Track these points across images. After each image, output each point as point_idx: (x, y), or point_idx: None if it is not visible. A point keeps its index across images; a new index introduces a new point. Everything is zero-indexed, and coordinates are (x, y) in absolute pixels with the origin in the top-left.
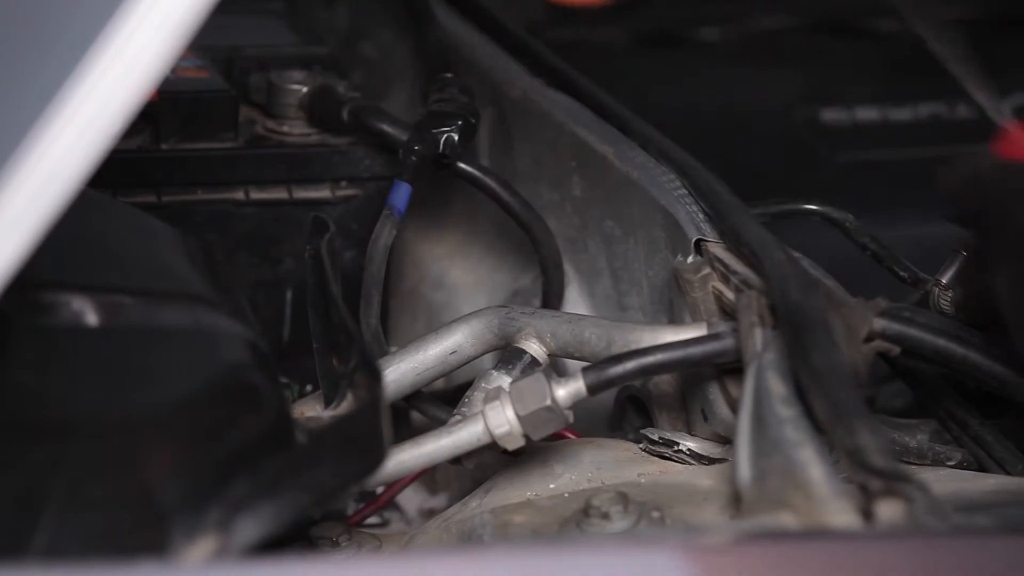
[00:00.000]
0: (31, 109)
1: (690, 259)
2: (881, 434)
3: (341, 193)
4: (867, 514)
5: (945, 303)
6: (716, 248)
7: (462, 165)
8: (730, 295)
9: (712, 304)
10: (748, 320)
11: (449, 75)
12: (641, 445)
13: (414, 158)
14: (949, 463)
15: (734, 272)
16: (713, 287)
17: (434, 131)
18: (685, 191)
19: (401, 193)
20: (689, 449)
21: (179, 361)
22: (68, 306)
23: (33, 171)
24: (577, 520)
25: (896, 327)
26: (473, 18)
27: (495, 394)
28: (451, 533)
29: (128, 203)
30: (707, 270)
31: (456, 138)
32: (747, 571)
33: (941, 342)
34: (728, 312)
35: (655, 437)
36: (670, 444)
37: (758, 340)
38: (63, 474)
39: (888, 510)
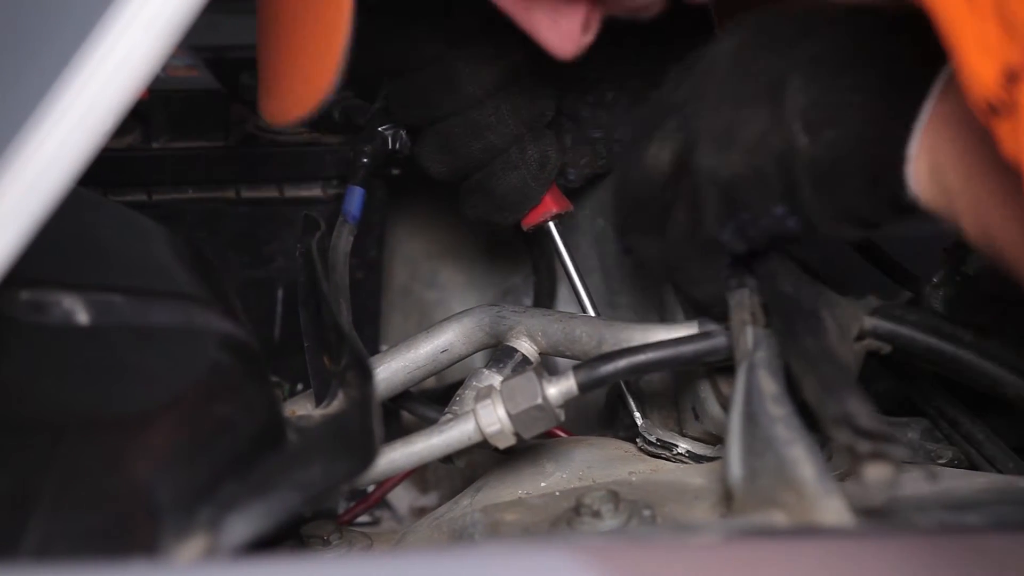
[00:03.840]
0: (22, 108)
1: None
2: (869, 402)
3: (332, 191)
4: (854, 475)
5: (936, 301)
6: None
7: None
8: None
9: None
10: (740, 318)
11: None
12: (637, 441)
13: (365, 160)
14: (940, 461)
15: None
16: None
17: (380, 129)
18: None
19: (354, 198)
20: (687, 451)
21: (170, 359)
22: (59, 305)
23: (24, 170)
24: (568, 518)
25: (887, 325)
26: None
27: (486, 393)
28: (442, 532)
29: (119, 202)
30: None
31: (405, 133)
32: (738, 569)
33: (932, 340)
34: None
35: (652, 439)
36: (668, 447)
37: (749, 338)
38: (54, 473)
39: (875, 472)
